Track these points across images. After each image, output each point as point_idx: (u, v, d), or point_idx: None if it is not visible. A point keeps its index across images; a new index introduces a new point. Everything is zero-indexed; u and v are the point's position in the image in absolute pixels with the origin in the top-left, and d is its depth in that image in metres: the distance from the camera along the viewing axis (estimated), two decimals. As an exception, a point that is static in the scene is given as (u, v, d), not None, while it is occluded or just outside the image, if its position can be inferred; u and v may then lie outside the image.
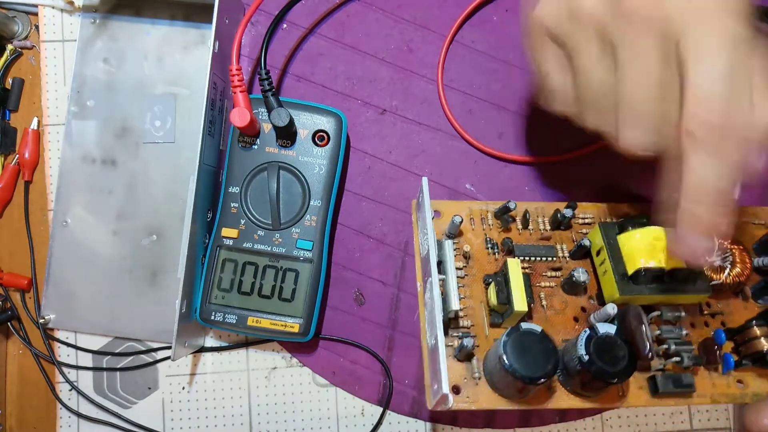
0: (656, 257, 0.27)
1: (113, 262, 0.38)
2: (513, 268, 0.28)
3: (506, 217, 0.31)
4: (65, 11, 0.40)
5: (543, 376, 0.25)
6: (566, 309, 0.30)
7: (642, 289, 0.28)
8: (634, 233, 0.28)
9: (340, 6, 0.40)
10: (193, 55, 0.39)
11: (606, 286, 0.29)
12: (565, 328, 0.29)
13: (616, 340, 0.26)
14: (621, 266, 0.28)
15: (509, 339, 0.25)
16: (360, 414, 0.38)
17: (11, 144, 0.40)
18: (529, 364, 0.25)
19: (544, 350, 0.25)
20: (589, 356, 0.25)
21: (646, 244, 0.28)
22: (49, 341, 0.38)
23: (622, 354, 0.25)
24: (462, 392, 0.28)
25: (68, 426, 0.38)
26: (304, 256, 0.35)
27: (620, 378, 0.25)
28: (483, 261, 0.31)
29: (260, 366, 0.38)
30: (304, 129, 0.36)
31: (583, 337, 0.26)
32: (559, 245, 0.31)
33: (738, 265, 0.29)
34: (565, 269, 0.31)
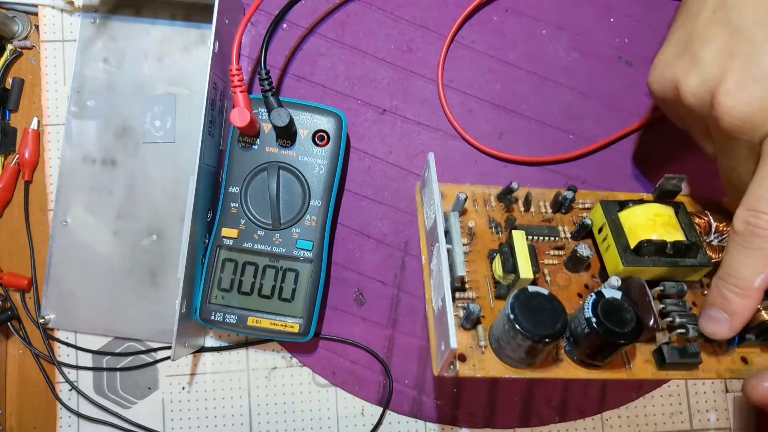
0: (657, 231, 0.28)
1: (113, 262, 0.38)
2: (518, 238, 0.28)
3: (509, 197, 0.31)
4: (65, 11, 0.40)
5: (551, 335, 0.24)
6: (570, 285, 0.30)
7: (645, 260, 0.28)
8: (635, 209, 0.29)
9: (340, 6, 0.40)
10: (193, 55, 0.39)
11: (609, 261, 0.29)
12: (569, 304, 0.29)
13: (623, 303, 0.25)
14: (623, 239, 0.28)
15: (517, 299, 0.25)
16: (360, 414, 0.38)
17: (11, 144, 0.40)
18: (538, 322, 0.25)
19: (552, 310, 0.25)
20: (597, 318, 0.25)
21: (647, 219, 0.28)
22: (49, 341, 0.38)
23: (629, 316, 0.25)
24: (468, 360, 0.27)
25: (68, 426, 0.38)
26: (304, 256, 0.35)
27: (628, 339, 0.25)
28: (486, 239, 0.31)
29: (260, 366, 0.38)
30: (304, 129, 0.36)
31: (590, 301, 0.26)
32: (561, 226, 0.31)
33: None
34: (567, 248, 0.31)
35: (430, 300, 0.29)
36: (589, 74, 0.39)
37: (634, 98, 0.39)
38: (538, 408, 0.38)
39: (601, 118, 0.39)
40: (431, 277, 0.29)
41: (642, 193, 0.33)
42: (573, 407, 0.38)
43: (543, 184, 0.39)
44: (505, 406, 0.38)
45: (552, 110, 0.39)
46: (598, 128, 0.39)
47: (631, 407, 0.38)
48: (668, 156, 0.39)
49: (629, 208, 0.29)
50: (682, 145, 0.39)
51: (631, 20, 0.40)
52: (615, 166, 0.39)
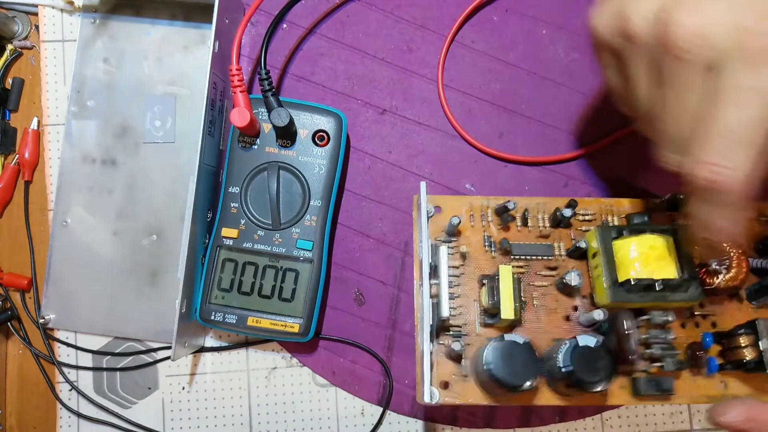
0: (649, 267, 0.28)
1: (113, 262, 0.38)
2: (504, 275, 0.29)
3: (505, 216, 0.31)
4: (65, 11, 0.40)
5: (524, 385, 0.26)
6: (558, 308, 0.31)
7: (632, 296, 0.28)
8: (630, 240, 0.29)
9: (340, 6, 0.40)
10: (193, 55, 0.39)
11: (597, 290, 0.30)
12: (556, 327, 0.30)
13: (597, 352, 0.27)
14: (613, 273, 0.29)
15: (492, 348, 0.27)
16: (360, 414, 0.38)
17: (11, 144, 0.40)
18: (512, 372, 0.26)
19: (526, 360, 0.27)
20: (571, 367, 0.26)
21: (641, 254, 0.28)
22: (49, 341, 0.38)
23: (601, 364, 0.26)
24: (451, 387, 0.29)
25: (68, 426, 0.38)
26: (304, 256, 0.35)
27: (598, 386, 0.26)
28: (481, 259, 0.31)
29: (260, 366, 0.38)
30: (304, 129, 0.36)
31: (565, 349, 0.27)
32: (557, 243, 0.31)
33: (734, 269, 0.29)
34: (561, 268, 0.31)
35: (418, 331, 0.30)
36: (589, 74, 0.39)
37: (634, 98, 0.39)
38: (538, 408, 0.38)
39: (601, 119, 0.39)
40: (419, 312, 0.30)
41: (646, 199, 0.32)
42: (573, 407, 0.38)
43: (543, 184, 0.39)
44: (505, 406, 0.38)
45: (552, 110, 0.39)
46: (598, 128, 0.39)
47: (631, 407, 0.38)
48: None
49: (624, 238, 0.29)
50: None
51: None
52: (615, 166, 0.39)
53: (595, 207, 0.32)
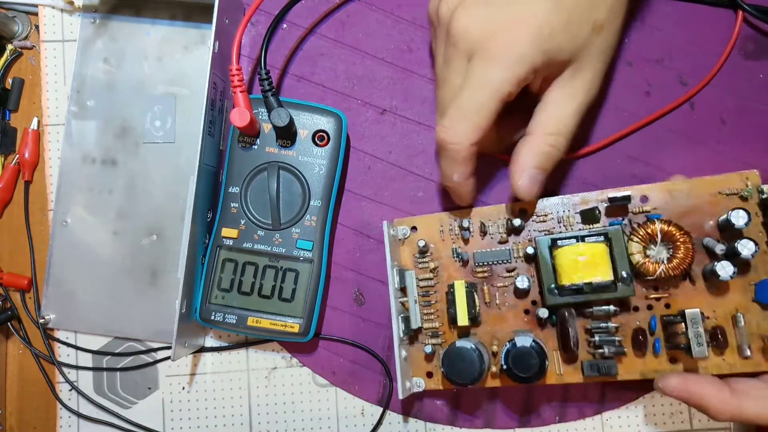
0: (578, 272, 0.32)
1: (113, 262, 0.38)
2: (458, 289, 0.33)
3: (465, 232, 0.35)
4: (65, 11, 0.40)
5: (469, 383, 0.32)
6: (518, 304, 0.35)
7: (568, 298, 0.32)
8: (564, 250, 0.32)
9: (340, 6, 0.40)
10: (193, 55, 0.39)
11: (543, 291, 0.33)
12: (517, 321, 0.35)
13: (530, 351, 0.32)
14: (550, 278, 0.33)
15: (445, 352, 0.32)
16: (360, 414, 0.38)
17: (11, 144, 0.40)
18: (461, 372, 0.32)
19: (472, 361, 0.32)
20: (507, 366, 0.32)
21: (570, 261, 0.32)
22: (49, 341, 0.38)
23: (534, 362, 0.31)
24: (434, 377, 0.35)
25: (68, 426, 0.38)
26: (304, 256, 0.35)
27: (530, 381, 0.32)
28: (451, 268, 0.36)
29: (260, 366, 0.38)
30: (304, 129, 0.36)
31: (504, 351, 0.32)
32: (516, 247, 0.35)
33: (676, 258, 0.32)
34: (519, 270, 0.35)
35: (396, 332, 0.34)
36: (589, 74, 0.39)
37: (634, 98, 0.39)
38: (538, 408, 0.38)
39: (601, 118, 0.39)
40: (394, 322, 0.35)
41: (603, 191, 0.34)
42: (573, 407, 0.38)
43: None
44: (505, 406, 0.38)
45: (552, 110, 0.39)
46: (598, 128, 0.39)
47: (631, 407, 0.38)
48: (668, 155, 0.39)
49: (560, 248, 0.32)
50: (682, 144, 0.39)
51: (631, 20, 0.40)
52: (615, 166, 0.39)
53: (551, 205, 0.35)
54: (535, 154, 0.32)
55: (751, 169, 0.33)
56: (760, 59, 0.40)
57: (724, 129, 0.39)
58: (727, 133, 0.39)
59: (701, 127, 0.39)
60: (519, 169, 0.32)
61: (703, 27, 0.40)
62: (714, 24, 0.40)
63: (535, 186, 0.32)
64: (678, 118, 0.39)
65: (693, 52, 0.40)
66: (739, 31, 0.39)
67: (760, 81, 0.40)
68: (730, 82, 0.39)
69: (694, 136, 0.39)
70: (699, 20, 0.40)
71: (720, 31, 0.40)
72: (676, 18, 0.40)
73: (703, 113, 0.39)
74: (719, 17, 0.40)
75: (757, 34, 0.40)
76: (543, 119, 0.32)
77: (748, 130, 0.39)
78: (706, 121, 0.39)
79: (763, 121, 0.39)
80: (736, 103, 0.39)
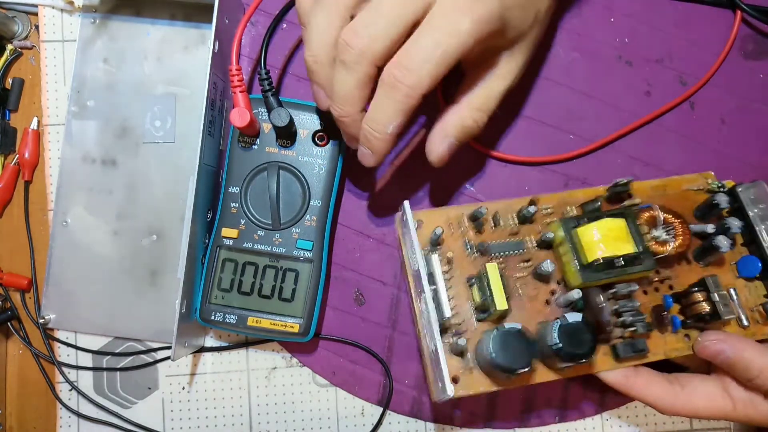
0: (609, 246, 0.31)
1: (113, 262, 0.38)
2: (492, 271, 0.31)
3: (479, 222, 0.34)
4: (65, 11, 0.40)
5: (523, 367, 0.30)
6: (538, 295, 0.33)
7: (600, 275, 0.32)
8: (590, 226, 0.32)
9: (340, 6, 0.40)
10: (193, 55, 0.39)
11: (568, 274, 0.33)
12: (538, 312, 0.33)
13: (582, 326, 0.30)
14: (580, 257, 0.32)
15: (493, 338, 0.30)
16: (360, 414, 0.38)
17: (11, 144, 0.40)
18: (512, 357, 0.30)
19: (523, 345, 0.30)
20: (562, 343, 0.30)
21: (601, 236, 0.31)
22: (49, 341, 0.38)
23: (586, 338, 0.30)
24: (460, 381, 0.32)
25: (68, 426, 0.38)
26: (304, 256, 0.35)
27: (586, 357, 0.30)
28: (464, 262, 0.34)
29: (260, 366, 0.39)
30: (304, 129, 0.36)
31: (556, 327, 0.30)
32: (528, 237, 0.34)
33: (680, 237, 0.33)
34: (534, 259, 0.34)
35: (422, 336, 0.33)
36: (589, 74, 0.39)
37: (634, 98, 0.39)
38: (538, 408, 0.38)
39: (601, 118, 0.39)
40: (421, 318, 0.33)
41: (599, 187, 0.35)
42: (573, 407, 0.38)
43: (543, 184, 0.39)
44: (505, 406, 0.38)
45: (552, 110, 0.39)
46: (598, 128, 0.39)
47: (631, 407, 0.38)
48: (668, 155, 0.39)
49: (584, 225, 0.32)
50: (682, 144, 0.39)
51: (631, 20, 0.40)
52: (615, 165, 0.39)
53: (554, 200, 0.35)
54: (458, 126, 0.32)
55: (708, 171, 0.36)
56: (760, 59, 0.40)
57: (724, 129, 0.39)
58: (727, 133, 0.39)
59: (701, 127, 0.39)
60: (441, 137, 0.33)
61: (702, 27, 0.40)
62: (714, 24, 0.40)
63: (449, 154, 0.33)
64: (678, 118, 0.39)
65: (693, 52, 0.40)
66: (737, 31, 0.39)
67: (760, 81, 0.40)
68: (730, 82, 0.39)
69: (694, 136, 0.39)
70: (699, 20, 0.40)
71: (720, 31, 0.40)
72: (675, 18, 0.40)
73: (703, 113, 0.39)
74: (719, 17, 0.40)
75: (756, 34, 0.40)
76: (473, 93, 0.33)
77: (748, 130, 0.39)
78: (706, 121, 0.39)
79: (763, 121, 0.39)
80: (736, 103, 0.39)
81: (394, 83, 0.29)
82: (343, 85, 0.30)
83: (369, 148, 0.31)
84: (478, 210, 0.33)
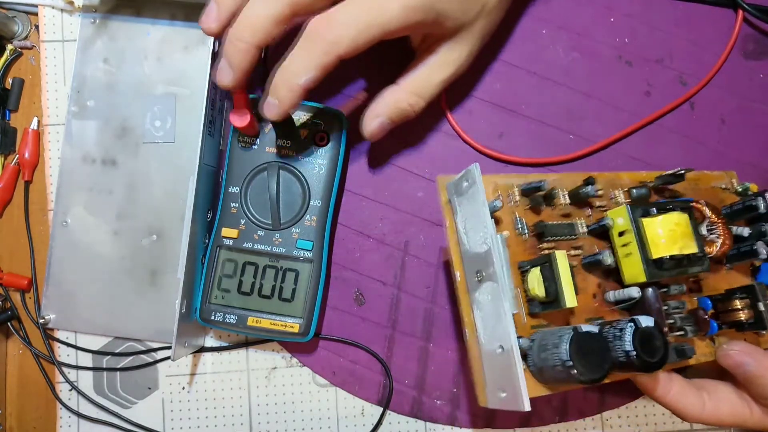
0: (677, 243, 0.28)
1: (113, 262, 0.38)
2: (561, 261, 0.27)
3: (537, 197, 0.30)
4: (65, 11, 0.40)
5: (602, 377, 0.25)
6: (587, 288, 0.30)
7: (663, 273, 0.28)
8: (657, 218, 0.29)
9: (340, 6, 0.40)
10: (193, 55, 0.39)
11: (629, 268, 0.29)
12: (586, 306, 0.30)
13: (654, 332, 0.26)
14: (647, 251, 0.28)
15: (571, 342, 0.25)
16: (360, 414, 0.38)
17: (11, 144, 0.40)
18: (590, 366, 0.25)
19: (601, 351, 0.26)
20: (636, 350, 0.25)
21: (668, 231, 0.28)
22: (49, 341, 0.38)
23: (658, 344, 0.26)
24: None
25: (68, 426, 0.38)
26: (304, 256, 0.35)
27: (659, 367, 0.26)
28: (513, 244, 0.29)
29: (260, 366, 0.38)
30: (304, 129, 0.36)
31: (629, 332, 0.26)
32: (578, 221, 0.31)
33: (722, 237, 0.31)
34: (585, 246, 0.30)
35: (470, 324, 0.28)
36: (589, 74, 0.39)
37: (634, 98, 0.39)
38: (538, 408, 0.38)
39: (601, 118, 0.39)
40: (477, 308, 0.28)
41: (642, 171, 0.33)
42: (573, 407, 0.38)
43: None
44: (505, 406, 0.38)
45: (552, 110, 0.39)
46: (598, 128, 0.39)
47: (631, 407, 0.38)
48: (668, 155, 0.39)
49: (652, 216, 0.29)
50: (682, 144, 0.39)
51: (631, 20, 0.40)
52: (615, 166, 0.39)
53: (603, 180, 0.32)
54: (394, 107, 0.34)
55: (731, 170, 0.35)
56: (760, 59, 0.40)
57: (724, 129, 0.39)
58: (727, 133, 0.39)
59: (701, 127, 0.39)
60: (375, 114, 0.34)
61: (703, 27, 0.40)
62: (714, 24, 0.40)
63: (381, 133, 0.34)
64: (678, 118, 0.39)
65: (693, 52, 0.40)
66: (739, 30, 0.39)
67: (760, 81, 0.40)
68: (730, 82, 0.39)
69: (694, 136, 0.39)
70: (699, 20, 0.40)
71: (720, 30, 0.40)
72: (676, 18, 0.40)
73: (703, 113, 0.39)
74: (719, 17, 0.40)
75: (757, 33, 0.40)
76: (412, 78, 0.34)
77: (748, 130, 0.39)
78: (706, 121, 0.39)
79: (763, 121, 0.39)
80: (736, 103, 0.39)
81: (314, 36, 0.29)
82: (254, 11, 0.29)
83: (277, 98, 0.30)
84: (536, 183, 0.29)
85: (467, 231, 0.28)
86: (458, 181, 0.29)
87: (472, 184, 0.27)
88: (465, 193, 0.28)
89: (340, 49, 0.29)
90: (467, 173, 0.28)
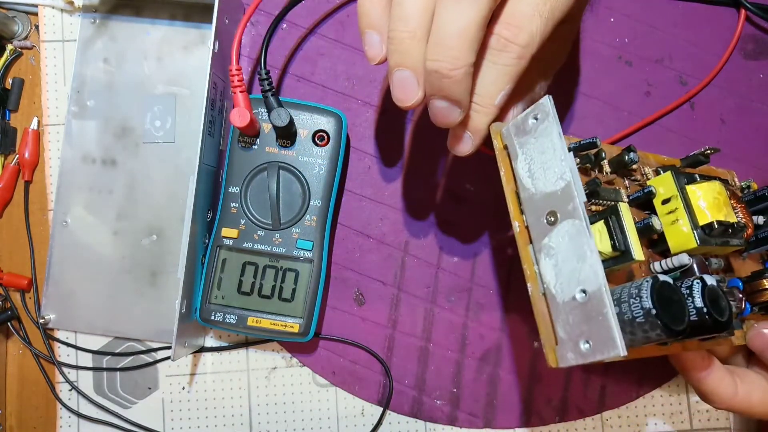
0: (722, 211, 0.28)
1: (113, 262, 0.38)
2: (626, 214, 0.25)
3: (589, 155, 0.28)
4: (65, 11, 0.40)
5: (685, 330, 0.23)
6: None
7: (713, 240, 0.27)
8: (701, 185, 0.28)
9: (340, 6, 0.40)
10: (193, 55, 0.39)
11: (675, 236, 0.28)
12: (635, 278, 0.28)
13: (719, 291, 0.24)
14: (695, 217, 0.27)
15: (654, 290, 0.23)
16: (360, 414, 0.38)
17: (11, 144, 0.40)
18: (674, 315, 0.23)
19: (679, 302, 0.24)
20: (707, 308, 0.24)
21: (713, 198, 0.28)
22: (49, 341, 0.38)
23: (724, 304, 0.24)
24: None
25: (68, 426, 0.38)
26: (304, 256, 0.35)
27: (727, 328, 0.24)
28: None
29: (260, 366, 0.38)
30: (304, 129, 0.36)
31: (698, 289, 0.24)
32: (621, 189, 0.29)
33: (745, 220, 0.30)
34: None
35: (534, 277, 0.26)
36: (589, 74, 0.39)
37: (634, 98, 0.39)
38: (538, 408, 0.38)
39: (601, 118, 0.39)
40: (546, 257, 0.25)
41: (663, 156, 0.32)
42: (573, 407, 0.38)
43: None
44: (505, 406, 0.38)
45: (552, 110, 0.39)
46: (598, 128, 0.39)
47: (631, 407, 0.38)
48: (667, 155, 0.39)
49: (697, 184, 0.28)
50: (682, 144, 0.39)
51: (631, 20, 0.40)
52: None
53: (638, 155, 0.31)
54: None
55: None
56: (760, 59, 0.40)
57: (724, 129, 0.39)
58: (727, 133, 0.39)
59: (701, 127, 0.39)
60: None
61: (703, 27, 0.40)
62: (714, 24, 0.40)
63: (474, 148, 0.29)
64: (678, 118, 0.39)
65: (693, 52, 0.40)
66: (741, 29, 0.39)
67: (760, 81, 0.40)
68: (730, 82, 0.39)
69: (694, 136, 0.39)
70: (699, 20, 0.40)
71: (720, 30, 0.40)
72: (676, 18, 0.40)
73: (703, 113, 0.39)
74: (719, 17, 0.40)
75: (757, 33, 0.40)
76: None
77: (748, 130, 0.39)
78: (706, 121, 0.39)
79: (763, 121, 0.39)
80: (736, 103, 0.39)
81: (503, 45, 0.24)
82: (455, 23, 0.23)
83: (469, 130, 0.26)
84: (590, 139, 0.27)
85: (533, 173, 0.26)
86: (523, 119, 0.26)
87: (544, 118, 0.25)
88: (532, 131, 0.26)
89: (533, 47, 0.25)
90: (537, 107, 0.25)
